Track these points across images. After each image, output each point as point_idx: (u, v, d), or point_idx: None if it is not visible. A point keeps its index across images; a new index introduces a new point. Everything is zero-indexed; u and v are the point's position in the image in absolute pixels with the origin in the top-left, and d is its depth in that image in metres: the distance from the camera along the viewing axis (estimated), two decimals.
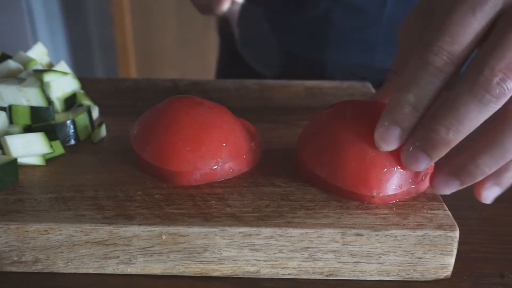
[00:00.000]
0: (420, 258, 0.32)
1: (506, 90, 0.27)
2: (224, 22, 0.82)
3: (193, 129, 0.35)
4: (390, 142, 0.31)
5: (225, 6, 0.63)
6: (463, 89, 0.28)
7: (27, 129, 0.40)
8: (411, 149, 0.30)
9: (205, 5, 0.65)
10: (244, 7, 0.67)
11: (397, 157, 0.32)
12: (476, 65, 0.28)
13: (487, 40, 0.28)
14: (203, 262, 0.32)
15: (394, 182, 0.32)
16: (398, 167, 0.32)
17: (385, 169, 0.32)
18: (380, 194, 0.32)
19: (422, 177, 0.33)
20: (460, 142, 0.29)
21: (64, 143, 0.41)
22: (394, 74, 0.38)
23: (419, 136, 0.30)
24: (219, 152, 0.35)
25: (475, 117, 0.28)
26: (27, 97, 0.40)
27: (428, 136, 0.29)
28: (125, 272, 0.32)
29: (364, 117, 0.34)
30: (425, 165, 0.30)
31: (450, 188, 0.31)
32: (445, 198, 0.34)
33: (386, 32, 0.62)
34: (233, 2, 0.65)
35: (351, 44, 0.65)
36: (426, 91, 0.29)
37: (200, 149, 0.35)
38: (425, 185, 0.34)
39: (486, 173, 0.30)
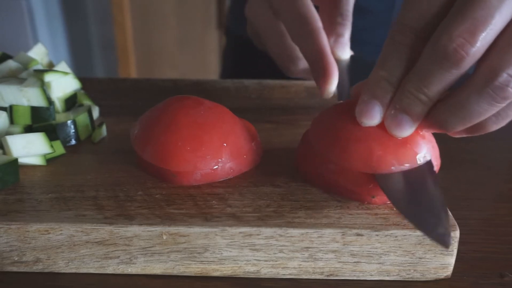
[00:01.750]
0: (420, 258, 0.32)
1: (465, 55, 0.27)
2: (231, 21, 0.81)
3: (193, 129, 0.35)
4: (370, 116, 0.32)
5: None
6: (427, 55, 0.29)
7: (28, 129, 0.41)
8: (392, 112, 0.31)
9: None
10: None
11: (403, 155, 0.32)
12: (437, 33, 0.29)
13: (451, 8, 0.29)
14: (204, 262, 0.32)
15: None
16: (407, 164, 0.32)
17: (393, 167, 0.32)
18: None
19: None
20: None
21: (65, 143, 0.41)
22: None
23: (396, 100, 0.31)
24: (219, 152, 0.35)
25: (440, 80, 0.29)
26: (27, 97, 0.40)
27: (404, 97, 0.31)
28: (125, 272, 0.32)
29: None
30: (409, 126, 0.31)
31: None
32: (445, 198, 0.34)
33: None
34: None
35: (360, 45, 0.65)
36: (395, 65, 0.31)
37: (200, 149, 0.35)
38: None
39: (451, 130, 0.31)
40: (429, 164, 0.33)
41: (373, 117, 0.32)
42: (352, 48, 0.49)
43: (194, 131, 0.35)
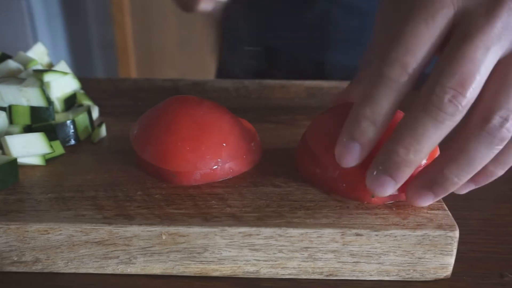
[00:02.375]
0: (420, 258, 0.32)
1: (459, 107, 0.27)
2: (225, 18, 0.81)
3: (193, 129, 0.35)
4: (349, 159, 0.31)
5: (205, 5, 0.60)
6: (419, 108, 0.28)
7: (27, 129, 0.41)
8: (374, 173, 0.30)
9: (184, 2, 0.62)
10: (227, 6, 0.67)
11: None
12: (429, 83, 0.28)
13: (442, 55, 0.29)
14: (203, 262, 0.32)
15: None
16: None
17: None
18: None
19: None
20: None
21: (64, 143, 0.41)
22: (367, 64, 0.38)
23: (380, 159, 0.30)
24: (219, 152, 0.35)
25: (433, 135, 0.28)
26: (27, 97, 0.40)
27: (389, 158, 0.29)
28: (125, 272, 0.32)
29: None
30: (391, 188, 0.30)
31: (425, 200, 0.31)
32: (445, 198, 0.34)
33: None
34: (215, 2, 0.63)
35: (351, 45, 0.65)
36: (381, 104, 0.29)
37: (200, 149, 0.35)
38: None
39: (456, 183, 0.29)
40: None
41: (352, 161, 0.31)
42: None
43: (194, 131, 0.35)
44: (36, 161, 0.38)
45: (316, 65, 0.69)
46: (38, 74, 0.42)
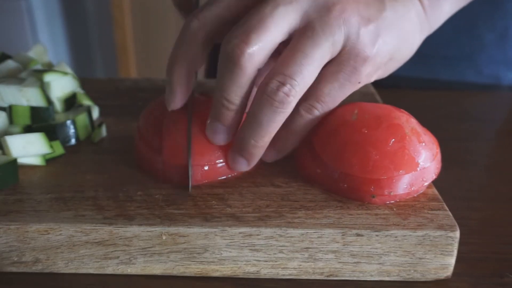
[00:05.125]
0: (420, 258, 0.32)
1: (240, 53, 0.31)
2: None
3: (195, 126, 0.36)
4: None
5: None
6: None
7: (27, 129, 0.40)
8: (208, 122, 0.34)
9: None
10: None
11: (401, 160, 0.32)
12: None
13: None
14: (203, 263, 0.32)
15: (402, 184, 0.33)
16: (403, 170, 0.33)
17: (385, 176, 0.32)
18: (392, 193, 0.33)
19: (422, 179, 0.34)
20: None
21: (64, 143, 0.41)
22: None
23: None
24: (219, 151, 0.35)
25: (230, 82, 0.32)
26: (27, 97, 0.40)
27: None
28: (125, 273, 0.32)
29: (369, 119, 0.34)
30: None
31: (239, 165, 0.35)
32: (446, 198, 0.34)
33: None
34: None
35: None
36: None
37: (200, 146, 0.35)
38: (424, 186, 0.34)
39: (255, 145, 0.34)
40: None
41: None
42: None
43: (202, 125, 0.35)
44: (36, 161, 0.38)
45: None
46: (38, 74, 0.42)
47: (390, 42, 0.35)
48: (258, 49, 0.31)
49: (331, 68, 0.33)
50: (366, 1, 0.34)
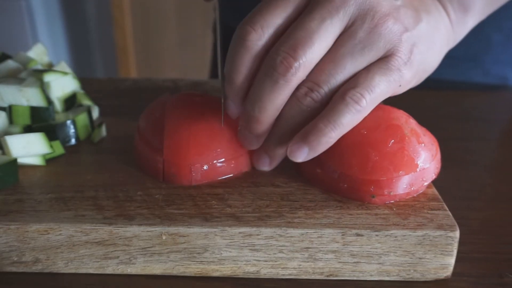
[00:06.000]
0: (420, 258, 0.32)
1: (291, 68, 0.31)
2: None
3: (201, 123, 0.36)
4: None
5: None
6: (261, 71, 0.32)
7: (27, 129, 0.40)
8: (239, 129, 0.35)
9: None
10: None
11: (401, 161, 0.32)
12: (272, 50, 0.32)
13: None
14: (203, 263, 0.32)
15: (400, 184, 0.33)
16: (402, 171, 0.33)
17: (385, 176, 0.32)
18: (391, 193, 0.33)
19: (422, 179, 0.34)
20: None
21: (64, 143, 0.41)
22: None
23: (242, 120, 0.35)
24: (219, 151, 0.35)
25: (271, 93, 0.32)
26: (27, 97, 0.40)
27: (244, 116, 0.34)
28: (125, 272, 0.32)
29: (368, 120, 0.34)
30: (255, 141, 0.35)
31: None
32: (445, 198, 0.34)
33: None
34: None
35: None
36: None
37: (213, 143, 0.35)
38: (424, 186, 0.34)
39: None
40: None
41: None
42: None
43: (202, 125, 0.36)
44: (36, 161, 0.38)
45: None
46: (38, 74, 0.42)
47: (423, 52, 0.35)
48: (303, 63, 0.32)
49: (379, 64, 0.33)
50: (405, 11, 0.35)
